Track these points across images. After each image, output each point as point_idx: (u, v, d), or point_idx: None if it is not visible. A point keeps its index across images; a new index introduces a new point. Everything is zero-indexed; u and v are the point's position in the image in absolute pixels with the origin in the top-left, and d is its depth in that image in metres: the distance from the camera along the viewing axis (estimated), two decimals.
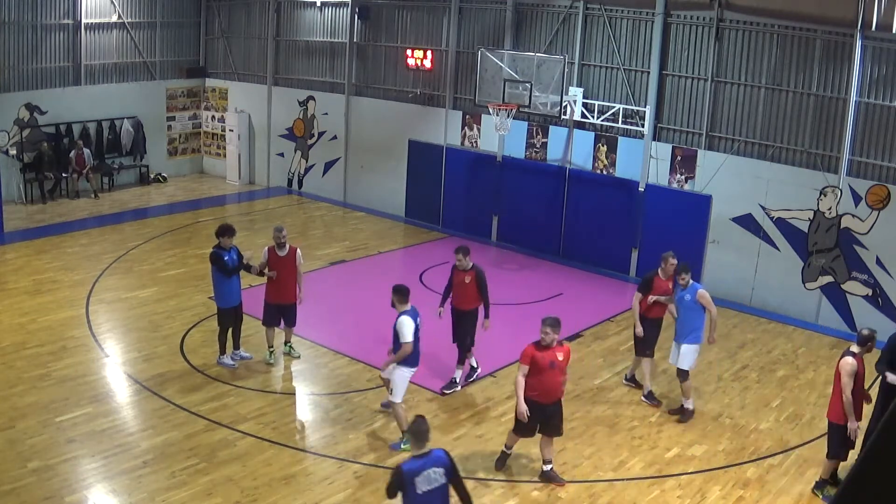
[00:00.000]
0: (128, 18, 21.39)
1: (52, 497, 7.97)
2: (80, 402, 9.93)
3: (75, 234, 17.19)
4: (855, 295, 13.72)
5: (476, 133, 18.27)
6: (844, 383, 8.31)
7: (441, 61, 18.67)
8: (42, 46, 19.86)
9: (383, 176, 20.14)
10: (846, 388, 8.30)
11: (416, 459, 6.26)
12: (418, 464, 6.21)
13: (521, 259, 17.12)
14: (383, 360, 9.50)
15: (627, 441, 9.77)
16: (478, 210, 18.36)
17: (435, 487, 6.23)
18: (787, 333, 13.66)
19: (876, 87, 13.29)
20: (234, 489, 8.32)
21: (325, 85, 21.15)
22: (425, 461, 6.23)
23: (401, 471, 6.19)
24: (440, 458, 6.31)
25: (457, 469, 6.37)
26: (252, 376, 10.97)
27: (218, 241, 10.99)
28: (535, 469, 9.04)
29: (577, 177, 16.77)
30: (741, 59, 14.60)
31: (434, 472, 6.24)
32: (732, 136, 14.90)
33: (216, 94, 23.30)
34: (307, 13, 21.26)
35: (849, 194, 13.60)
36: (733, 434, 10.05)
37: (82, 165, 20.14)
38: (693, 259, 15.38)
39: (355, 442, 9.40)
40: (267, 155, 22.60)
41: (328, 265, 15.78)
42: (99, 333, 12.16)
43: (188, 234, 17.77)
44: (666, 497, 8.62)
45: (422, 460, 6.24)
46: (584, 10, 16.33)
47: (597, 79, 16.41)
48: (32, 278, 14.34)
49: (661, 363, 11.71)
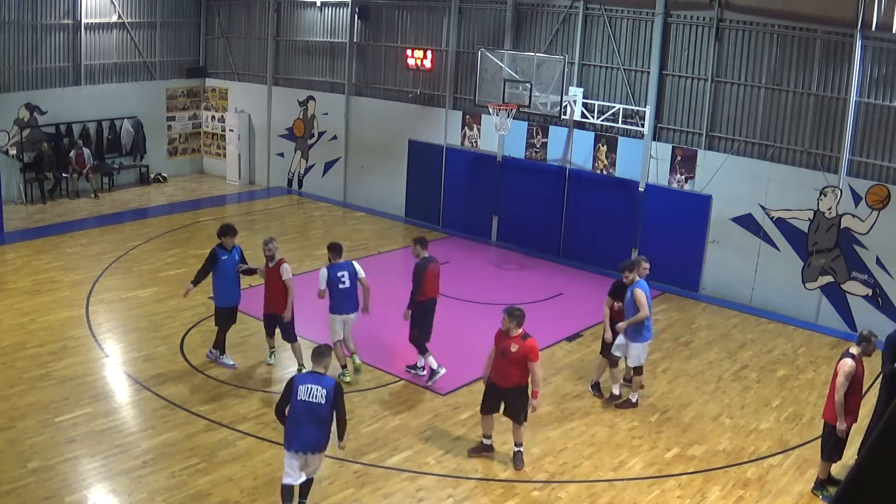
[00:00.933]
0: (128, 18, 21.39)
1: (52, 497, 7.97)
2: (80, 402, 9.93)
3: (75, 234, 17.19)
4: (855, 295, 13.72)
5: (476, 133, 18.27)
6: (839, 383, 8.31)
7: (441, 61, 18.67)
8: (42, 46, 19.86)
9: (383, 176, 20.14)
10: (840, 388, 8.30)
11: (309, 375, 7.60)
12: (308, 378, 7.50)
13: (521, 259, 17.13)
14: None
15: (627, 441, 9.77)
16: (478, 210, 18.36)
17: (312, 402, 7.29)
18: (787, 333, 13.66)
19: (876, 87, 13.29)
20: (234, 489, 8.32)
21: (325, 85, 21.15)
22: (314, 378, 7.43)
23: (292, 378, 7.62)
24: (328, 383, 7.40)
25: (339, 401, 7.41)
26: (252, 376, 10.97)
27: (220, 240, 11.02)
28: (535, 469, 9.04)
29: (577, 177, 16.77)
30: (741, 59, 14.60)
31: (316, 390, 7.33)
32: (732, 136, 14.90)
33: (216, 94, 23.30)
34: (307, 13, 21.26)
35: (849, 194, 13.60)
36: (733, 434, 10.05)
37: (82, 165, 20.14)
38: (693, 259, 15.44)
39: (355, 442, 9.39)
40: (267, 155, 22.60)
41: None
42: (99, 333, 12.16)
43: (188, 234, 17.77)
44: (666, 497, 8.62)
45: (312, 377, 7.48)
46: (584, 10, 16.33)
47: (597, 79, 16.41)
48: (32, 278, 14.34)
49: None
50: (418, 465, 9.02)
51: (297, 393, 7.34)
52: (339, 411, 7.43)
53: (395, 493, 8.48)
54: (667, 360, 12.28)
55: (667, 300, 14.97)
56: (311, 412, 7.32)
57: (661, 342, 12.95)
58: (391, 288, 14.27)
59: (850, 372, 8.29)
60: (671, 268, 15.53)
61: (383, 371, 11.34)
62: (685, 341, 13.13)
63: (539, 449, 9.47)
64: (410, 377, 11.15)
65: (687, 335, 13.43)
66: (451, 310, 12.49)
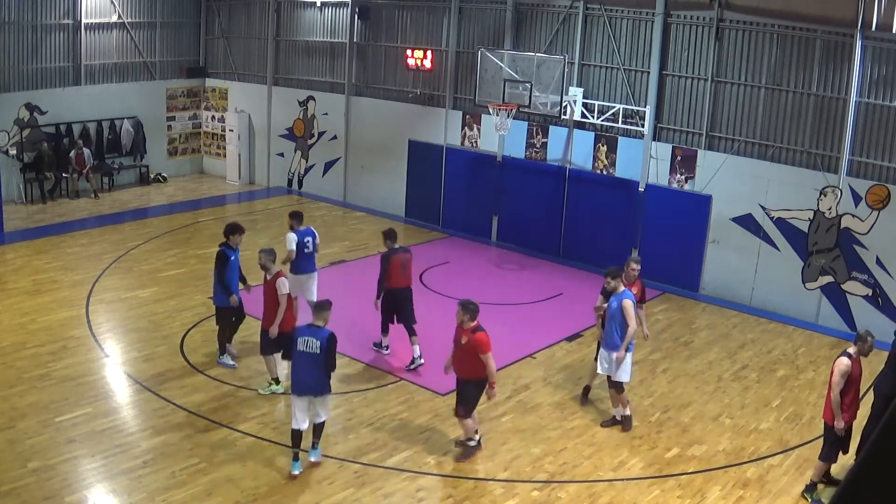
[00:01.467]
0: (128, 18, 21.39)
1: (52, 497, 7.97)
2: (80, 402, 9.93)
3: (75, 234, 17.19)
4: (855, 295, 13.72)
5: (476, 133, 18.27)
6: (834, 382, 8.33)
7: (441, 61, 18.67)
8: (42, 46, 19.86)
9: (383, 176, 20.14)
10: (835, 386, 8.31)
11: (307, 328, 8.52)
12: (306, 331, 8.46)
13: (521, 259, 17.13)
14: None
15: (627, 441, 9.77)
16: (478, 210, 18.36)
17: (308, 352, 8.34)
18: (787, 333, 13.66)
19: (876, 87, 13.29)
20: (234, 489, 8.32)
21: (325, 85, 21.15)
22: (311, 332, 8.41)
23: (296, 327, 8.80)
24: (322, 335, 8.36)
25: (330, 351, 8.34)
26: (252, 376, 10.96)
27: (226, 239, 11.01)
28: (536, 469, 9.05)
29: (577, 177, 16.77)
30: (741, 59, 14.60)
31: (312, 342, 8.33)
32: (732, 136, 14.90)
33: (216, 94, 23.30)
34: (307, 13, 21.25)
35: (849, 194, 13.59)
36: (733, 434, 10.05)
37: (82, 165, 20.14)
38: (693, 259, 15.43)
39: (355, 442, 9.40)
40: (267, 155, 22.60)
41: (328, 265, 15.77)
42: (99, 333, 12.16)
43: (188, 234, 17.78)
44: (666, 497, 8.62)
45: (309, 330, 8.45)
46: (584, 10, 16.33)
47: (597, 79, 16.41)
48: (32, 278, 14.34)
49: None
50: (418, 465, 9.02)
51: (296, 344, 8.41)
52: (329, 360, 8.41)
53: (395, 493, 8.49)
54: (667, 360, 12.28)
55: (667, 300, 14.97)
56: (310, 361, 8.36)
57: (661, 342, 12.96)
58: None
59: (845, 371, 8.29)
60: (671, 268, 15.54)
61: (383, 371, 11.34)
62: (685, 341, 13.13)
63: (539, 449, 9.47)
64: (410, 377, 11.15)
65: (687, 335, 13.43)
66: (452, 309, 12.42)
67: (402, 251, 11.47)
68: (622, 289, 9.75)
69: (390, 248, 11.35)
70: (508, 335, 13.05)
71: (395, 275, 11.22)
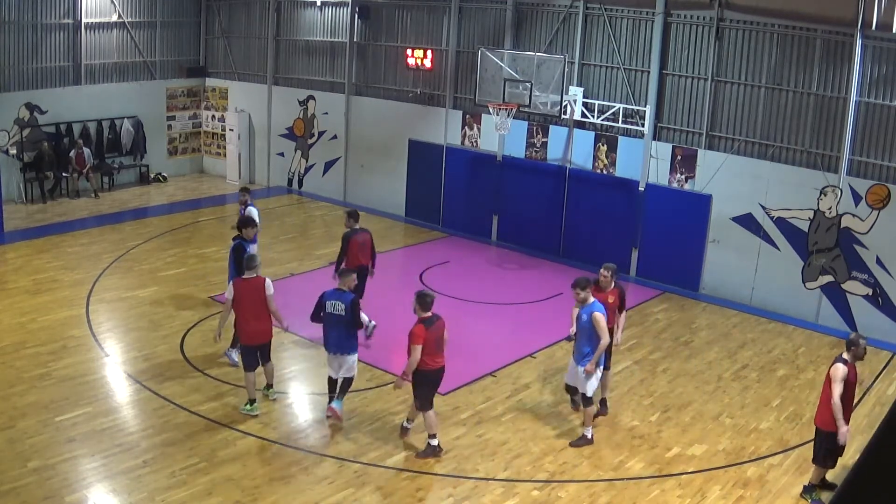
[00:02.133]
0: (128, 18, 21.39)
1: (52, 497, 7.97)
2: (80, 401, 9.93)
3: (75, 234, 17.19)
4: (855, 294, 13.71)
5: (476, 133, 18.27)
6: (834, 389, 8.21)
7: (441, 61, 18.67)
8: (42, 46, 19.85)
9: (383, 176, 20.14)
10: (835, 393, 8.21)
11: (333, 292, 9.46)
12: (333, 295, 9.41)
13: (521, 259, 17.13)
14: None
15: (627, 441, 9.77)
16: (478, 210, 18.36)
17: (335, 314, 9.32)
18: (787, 333, 13.66)
19: (876, 86, 13.29)
20: (234, 489, 8.32)
21: (325, 84, 21.15)
22: (337, 295, 9.39)
23: (322, 294, 9.50)
24: (347, 298, 9.36)
25: (354, 313, 9.36)
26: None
27: (240, 232, 11.23)
28: (536, 469, 9.05)
29: (577, 176, 16.77)
30: (741, 59, 14.60)
31: (338, 305, 9.33)
32: (732, 135, 14.90)
33: (216, 93, 23.30)
34: (307, 13, 21.25)
35: (849, 194, 13.59)
36: (733, 434, 10.05)
37: (82, 165, 20.14)
38: (693, 259, 15.43)
39: (355, 442, 9.40)
40: (267, 154, 22.60)
41: (328, 265, 15.76)
42: (99, 333, 12.16)
43: (188, 233, 17.77)
44: (666, 497, 8.62)
45: (335, 294, 9.41)
46: (584, 9, 16.33)
47: (597, 78, 16.41)
48: (32, 278, 14.34)
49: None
50: (418, 465, 9.03)
51: (325, 307, 9.33)
52: (355, 318, 9.43)
53: (395, 493, 8.49)
54: (667, 360, 12.28)
55: (667, 300, 14.98)
56: (337, 322, 9.33)
57: (661, 342, 12.97)
58: (391, 288, 14.29)
59: (843, 377, 8.23)
60: (671, 267, 15.55)
61: (383, 371, 11.34)
62: (685, 341, 13.13)
63: (539, 449, 9.47)
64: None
65: (687, 335, 13.43)
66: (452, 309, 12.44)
67: (362, 231, 12.21)
68: (591, 300, 9.33)
69: (351, 227, 12.10)
70: (508, 335, 13.07)
71: (353, 253, 11.98)
